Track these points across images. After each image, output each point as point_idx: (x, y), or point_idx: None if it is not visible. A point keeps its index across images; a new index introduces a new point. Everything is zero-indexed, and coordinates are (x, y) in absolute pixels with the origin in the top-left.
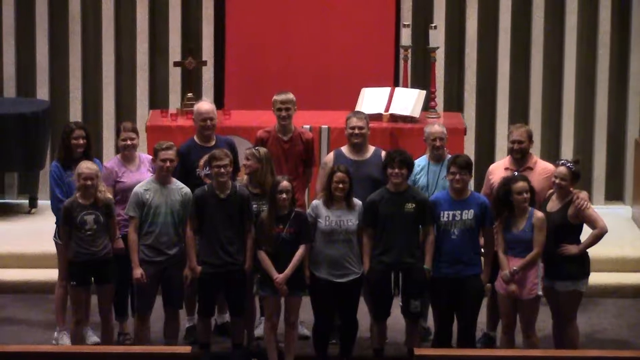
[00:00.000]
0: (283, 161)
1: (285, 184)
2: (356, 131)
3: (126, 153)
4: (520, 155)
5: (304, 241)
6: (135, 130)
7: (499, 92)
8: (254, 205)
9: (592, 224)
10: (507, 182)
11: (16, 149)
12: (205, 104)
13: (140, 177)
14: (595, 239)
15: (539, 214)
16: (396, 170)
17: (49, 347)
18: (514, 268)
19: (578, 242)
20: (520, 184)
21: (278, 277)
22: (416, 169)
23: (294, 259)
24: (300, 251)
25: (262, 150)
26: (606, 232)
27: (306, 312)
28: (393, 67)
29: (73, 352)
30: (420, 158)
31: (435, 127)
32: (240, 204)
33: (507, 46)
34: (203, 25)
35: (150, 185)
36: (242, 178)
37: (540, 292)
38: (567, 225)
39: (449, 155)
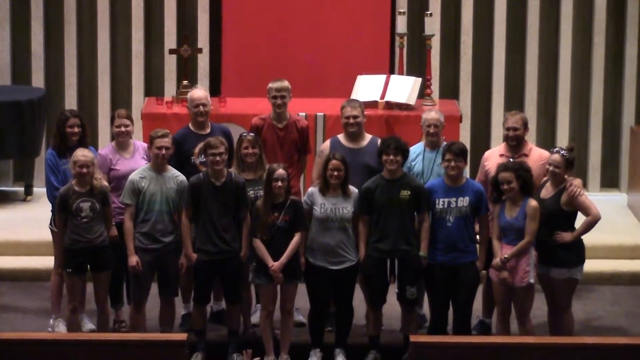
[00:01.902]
0: (278, 149)
1: (280, 171)
2: (351, 120)
3: (120, 140)
4: (515, 142)
5: (299, 229)
6: (129, 117)
7: (494, 79)
8: (251, 192)
9: (585, 211)
10: (498, 170)
11: (11, 136)
12: (199, 91)
13: (135, 165)
14: (588, 226)
15: (532, 202)
16: (391, 157)
17: (44, 335)
18: (505, 256)
19: (572, 229)
20: (503, 175)
21: (273, 265)
22: (412, 155)
23: (290, 247)
24: (296, 239)
25: (254, 136)
26: (599, 219)
27: (302, 299)
28: (389, 55)
29: (69, 340)
30: (417, 145)
31: (432, 113)
32: (235, 191)
33: (503, 34)
34: (199, 12)
35: (145, 173)
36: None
37: (532, 280)
38: (561, 212)
39: (445, 143)
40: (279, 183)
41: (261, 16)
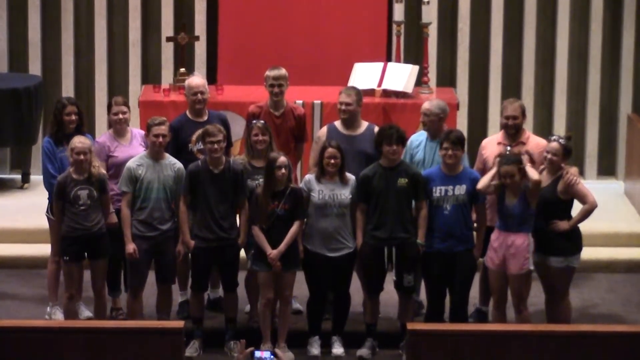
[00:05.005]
0: (275, 136)
1: (283, 159)
2: (343, 107)
3: (118, 127)
4: (514, 131)
5: (298, 217)
6: (126, 105)
7: (491, 67)
8: (261, 179)
9: (582, 199)
10: (500, 162)
11: (8, 124)
12: (196, 79)
13: (133, 152)
14: (585, 214)
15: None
16: (394, 147)
17: (41, 322)
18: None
19: (569, 217)
20: (505, 168)
21: (272, 252)
22: (414, 143)
23: (288, 235)
24: (294, 227)
25: (265, 123)
26: (596, 207)
27: (299, 287)
28: (386, 43)
29: (66, 327)
30: (419, 133)
31: (425, 103)
32: (233, 179)
33: (500, 21)
34: (195, 0)
35: (143, 161)
36: (238, 155)
37: (531, 267)
38: (557, 200)
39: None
40: (282, 170)
41: (258, 4)
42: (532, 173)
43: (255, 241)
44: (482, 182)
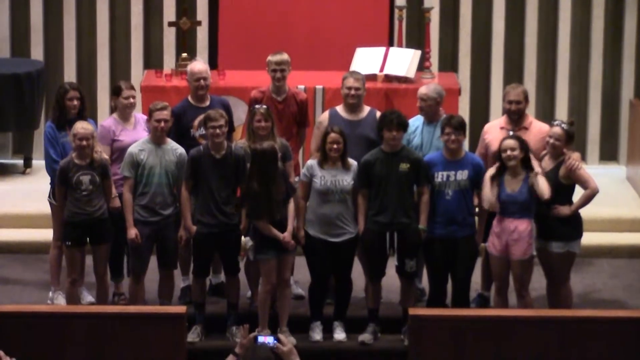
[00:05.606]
0: (277, 121)
1: (275, 146)
2: (352, 92)
3: (127, 112)
4: (517, 116)
5: (292, 194)
6: (133, 88)
7: (493, 52)
8: None
9: (584, 184)
10: (502, 140)
11: (10, 109)
12: (199, 64)
13: (138, 136)
14: (586, 200)
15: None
16: (394, 133)
17: (44, 307)
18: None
19: (570, 202)
20: (507, 142)
21: (284, 235)
22: (411, 128)
23: (290, 215)
24: (292, 205)
25: (267, 108)
26: (597, 192)
27: (301, 271)
28: (387, 27)
29: (68, 312)
30: (415, 117)
31: (422, 88)
32: (235, 164)
33: (502, 6)
34: None
35: (144, 146)
36: (241, 140)
37: (534, 252)
38: (559, 185)
39: (444, 115)
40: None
41: None
42: (543, 188)
43: (255, 231)
44: (486, 199)
